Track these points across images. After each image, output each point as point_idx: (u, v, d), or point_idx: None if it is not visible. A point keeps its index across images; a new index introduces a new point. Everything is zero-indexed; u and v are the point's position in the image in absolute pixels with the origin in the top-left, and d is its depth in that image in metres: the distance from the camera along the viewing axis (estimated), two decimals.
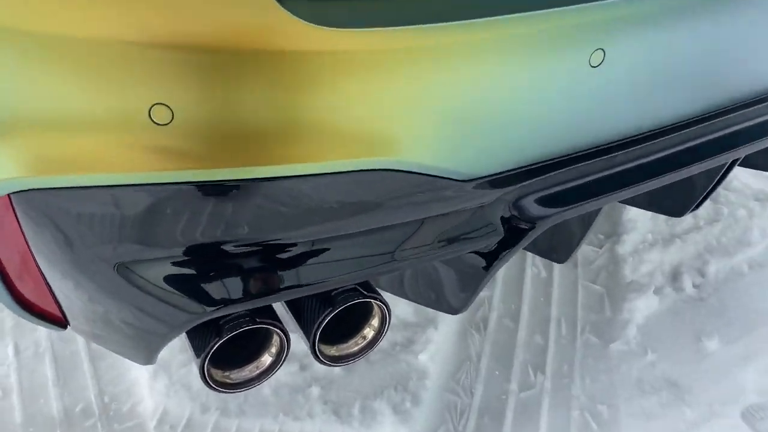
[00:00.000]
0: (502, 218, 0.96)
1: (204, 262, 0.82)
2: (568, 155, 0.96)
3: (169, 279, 0.82)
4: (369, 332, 1.01)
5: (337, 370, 1.51)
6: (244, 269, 0.84)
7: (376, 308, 0.99)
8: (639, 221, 1.91)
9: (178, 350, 1.50)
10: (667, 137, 1.00)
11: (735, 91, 1.10)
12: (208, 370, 0.92)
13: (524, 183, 0.94)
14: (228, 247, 0.82)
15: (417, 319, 1.62)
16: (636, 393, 1.48)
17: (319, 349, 0.97)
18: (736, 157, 1.13)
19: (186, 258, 0.81)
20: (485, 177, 0.91)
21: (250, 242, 0.83)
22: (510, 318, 1.66)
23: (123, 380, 1.49)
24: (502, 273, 1.79)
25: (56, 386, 1.47)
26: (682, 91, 1.00)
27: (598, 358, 1.56)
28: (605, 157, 0.99)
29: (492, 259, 1.00)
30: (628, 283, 1.74)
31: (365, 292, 0.95)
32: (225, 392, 0.96)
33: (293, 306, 0.99)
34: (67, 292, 0.90)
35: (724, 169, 1.17)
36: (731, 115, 1.10)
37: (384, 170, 0.83)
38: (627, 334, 1.61)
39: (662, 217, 1.96)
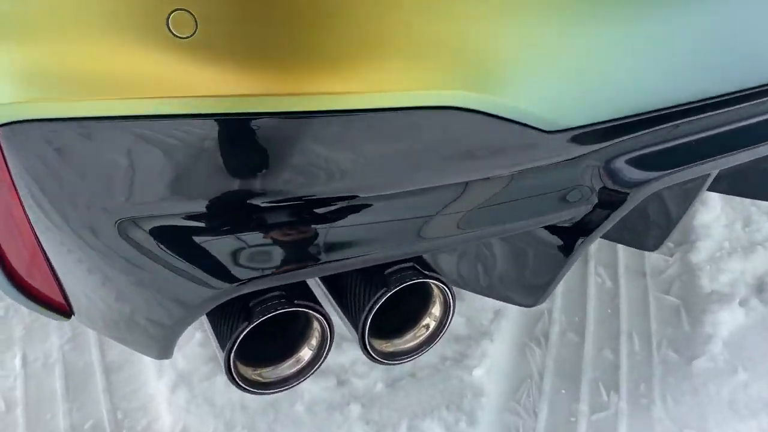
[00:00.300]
0: (592, 183, 0.79)
1: (227, 222, 0.66)
2: (670, 107, 0.79)
3: (184, 243, 0.66)
4: (430, 322, 0.83)
5: (378, 387, 1.32)
6: (279, 232, 0.68)
7: (436, 292, 0.82)
8: (712, 227, 1.71)
9: (201, 361, 1.34)
10: None
11: None
12: (234, 365, 0.75)
13: (621, 138, 0.77)
14: (258, 202, 0.66)
15: (469, 331, 1.44)
16: (729, 416, 1.26)
17: (370, 344, 0.80)
18: None
19: (204, 214, 0.65)
20: (575, 128, 0.75)
21: (287, 197, 0.67)
22: (574, 332, 1.46)
23: (139, 395, 1.32)
24: (561, 283, 1.59)
25: (65, 400, 1.31)
26: None
27: (681, 377, 1.35)
28: (713, 112, 0.82)
29: (575, 237, 0.83)
30: (708, 293, 1.53)
31: (424, 272, 0.78)
32: (255, 393, 0.78)
33: (337, 291, 0.83)
34: (67, 265, 0.74)
35: None
36: None
37: (456, 109, 0.67)
38: (711, 349, 1.40)
39: (738, 223, 1.75)
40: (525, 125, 0.71)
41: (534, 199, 0.77)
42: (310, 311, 0.76)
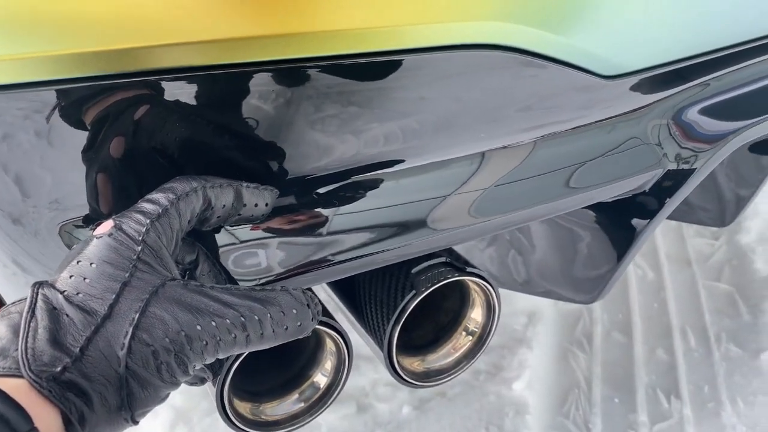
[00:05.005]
0: (661, 141, 0.63)
1: None
2: None
3: None
4: (469, 330, 0.67)
5: (405, 410, 1.16)
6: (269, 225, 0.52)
7: (475, 292, 0.66)
8: (760, 205, 1.55)
9: (200, 395, 1.17)
10: None
11: None
12: (230, 400, 0.59)
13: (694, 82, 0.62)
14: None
15: (501, 339, 1.27)
16: None
17: (398, 362, 0.63)
18: None
19: None
20: (639, 72, 0.59)
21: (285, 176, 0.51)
22: (620, 331, 1.30)
23: None
24: None
25: None
26: None
27: (749, 374, 1.18)
28: None
29: (643, 212, 0.67)
30: (765, 277, 1.36)
31: (461, 267, 0.62)
32: None
33: (351, 299, 0.67)
34: None
35: None
36: None
37: (493, 48, 0.51)
38: None
39: None
40: (582, 69, 0.56)
41: (595, 163, 0.61)
42: (322, 327, 0.60)
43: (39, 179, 0.52)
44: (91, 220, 0.50)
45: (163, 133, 0.48)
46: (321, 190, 0.52)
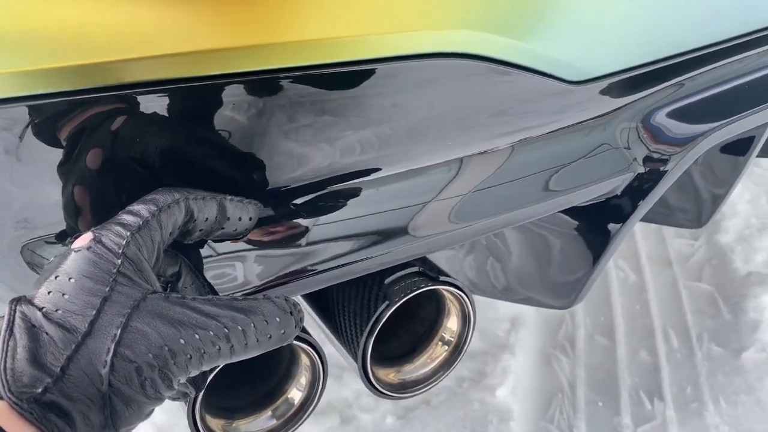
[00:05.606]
0: (630, 145, 0.63)
1: None
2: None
3: None
4: (445, 340, 0.66)
5: (389, 420, 1.15)
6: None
7: (450, 301, 0.65)
8: (736, 203, 1.56)
9: (181, 413, 1.15)
10: None
11: None
12: (201, 417, 0.58)
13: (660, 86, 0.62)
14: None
15: (484, 345, 1.27)
16: None
17: (373, 374, 0.63)
18: None
19: None
20: (606, 77, 0.59)
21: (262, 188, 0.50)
22: (603, 334, 1.30)
23: None
24: None
25: None
26: None
27: (731, 373, 1.19)
28: None
29: (616, 215, 0.67)
30: (744, 276, 1.37)
31: (434, 276, 0.61)
32: None
33: (326, 312, 0.66)
34: None
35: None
36: None
37: (458, 56, 0.51)
38: (760, 338, 1.24)
39: (763, 197, 1.61)
40: (549, 76, 0.56)
41: (565, 168, 0.61)
42: (296, 342, 0.59)
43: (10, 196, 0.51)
44: (67, 234, 0.49)
45: (140, 146, 0.47)
46: (298, 201, 0.52)
